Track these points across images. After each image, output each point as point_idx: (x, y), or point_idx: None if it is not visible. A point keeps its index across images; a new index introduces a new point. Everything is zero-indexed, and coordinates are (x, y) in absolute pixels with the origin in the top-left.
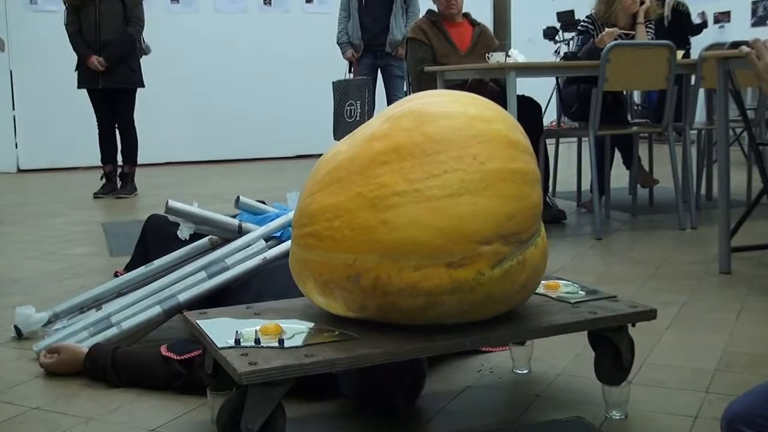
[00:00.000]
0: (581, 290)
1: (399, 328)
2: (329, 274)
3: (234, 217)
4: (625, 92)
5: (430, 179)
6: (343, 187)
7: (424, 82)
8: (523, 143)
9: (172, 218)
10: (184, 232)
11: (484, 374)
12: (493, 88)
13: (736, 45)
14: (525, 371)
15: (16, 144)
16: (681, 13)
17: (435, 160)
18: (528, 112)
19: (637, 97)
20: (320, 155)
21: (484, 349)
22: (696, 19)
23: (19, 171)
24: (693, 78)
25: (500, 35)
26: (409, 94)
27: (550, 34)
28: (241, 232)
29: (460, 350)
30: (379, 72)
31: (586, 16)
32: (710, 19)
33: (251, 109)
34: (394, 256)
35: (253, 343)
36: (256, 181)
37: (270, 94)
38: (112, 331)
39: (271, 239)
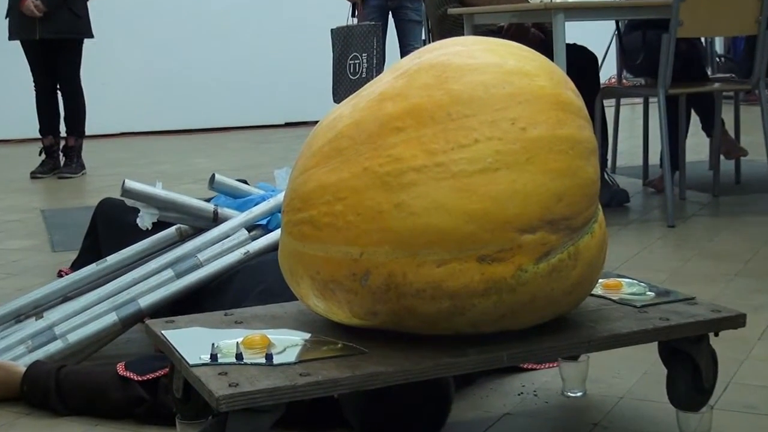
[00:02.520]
0: (650, 291)
1: (418, 340)
2: (329, 271)
3: (208, 200)
4: (704, 40)
5: (457, 150)
6: (346, 162)
7: (446, 28)
8: (574, 104)
9: (129, 203)
10: (145, 221)
11: (527, 398)
12: (537, 35)
13: None
14: (578, 394)
15: None
16: None
17: (463, 126)
18: (581, 65)
19: (719, 45)
20: (316, 122)
21: (526, 366)
22: None
23: None
24: None
25: None
26: (429, 43)
27: None
28: (216, 219)
29: (496, 367)
30: (390, 16)
31: None
32: None
33: (228, 66)
34: (412, 248)
35: (233, 360)
36: (235, 155)
37: (252, 47)
38: (55, 345)
39: (255, 228)
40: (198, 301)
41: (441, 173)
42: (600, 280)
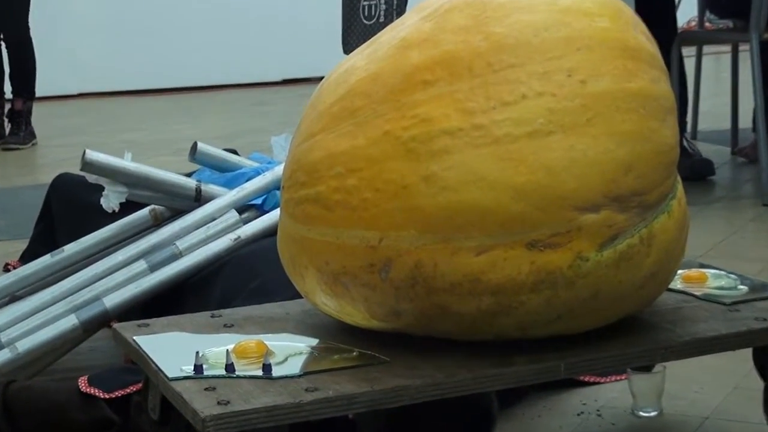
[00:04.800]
0: (741, 284)
1: (452, 347)
2: (342, 261)
3: (189, 175)
4: None
5: (500, 109)
6: (361, 124)
7: None
8: (647, 50)
9: (91, 179)
10: (111, 200)
11: (589, 419)
12: None
13: None
14: (652, 413)
15: None
16: None
17: (507, 79)
18: (653, 3)
19: None
20: (322, 78)
21: (587, 378)
22: None
23: None
24: None
25: None
26: None
27: None
28: (200, 198)
29: (551, 380)
30: None
31: None
32: None
33: (214, 11)
34: (444, 231)
35: (223, 372)
36: (222, 119)
37: None
38: (2, 356)
39: (248, 209)
40: (177, 299)
41: (480, 138)
42: (679, 272)
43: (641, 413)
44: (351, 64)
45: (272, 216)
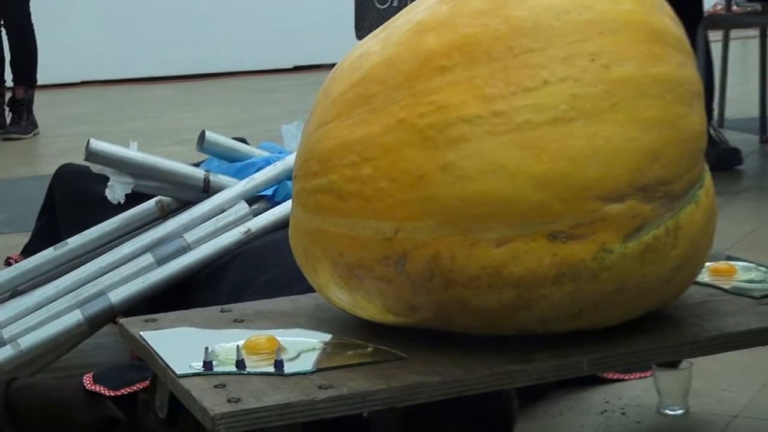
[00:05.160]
0: None
1: (470, 342)
2: (356, 254)
3: (197, 165)
4: None
5: (520, 95)
6: (375, 111)
7: None
8: (672, 33)
9: (96, 169)
10: (116, 192)
11: (612, 417)
12: None
13: None
14: (679, 411)
15: None
16: None
17: (527, 64)
18: None
19: None
20: (334, 65)
21: (610, 375)
22: None
23: None
24: None
25: None
26: None
27: None
28: (208, 189)
29: (574, 377)
30: None
31: None
32: None
33: None
34: (463, 222)
35: (233, 368)
36: (230, 108)
37: None
38: (4, 353)
39: (258, 200)
40: (186, 294)
41: (500, 125)
42: (707, 264)
43: (667, 411)
44: (365, 49)
45: (283, 207)
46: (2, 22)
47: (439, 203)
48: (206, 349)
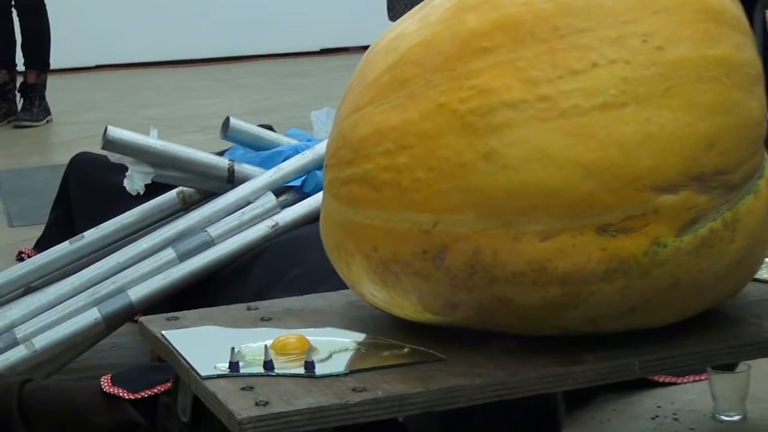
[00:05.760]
0: None
1: (513, 343)
2: (392, 248)
3: (221, 154)
4: None
5: (568, 79)
6: (412, 96)
7: None
8: (730, 12)
9: (114, 158)
10: (135, 182)
11: (664, 423)
12: None
13: None
14: (735, 417)
15: None
16: None
17: (575, 46)
18: None
19: None
20: (366, 47)
21: (663, 378)
22: None
23: None
24: None
25: None
26: None
27: None
28: (233, 179)
29: (623, 380)
30: None
31: None
32: None
33: None
34: (506, 214)
35: (261, 370)
36: (253, 93)
37: None
38: (17, 353)
39: (286, 191)
40: (209, 291)
41: (546, 110)
42: (766, 259)
43: (723, 417)
44: (401, 29)
45: (313, 199)
46: (13, 3)
47: (480, 194)
48: (232, 349)
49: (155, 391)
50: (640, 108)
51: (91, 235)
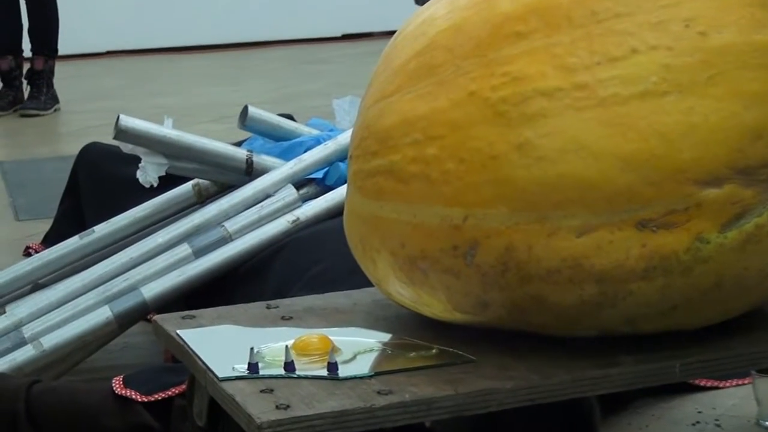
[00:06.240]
0: None
1: (547, 344)
2: (420, 243)
3: (239, 145)
4: None
5: (606, 66)
6: (442, 84)
7: None
8: None
9: (126, 149)
10: (149, 174)
11: (706, 428)
12: None
13: None
14: None
15: None
16: None
17: (614, 31)
18: None
19: None
20: (392, 33)
21: (704, 382)
22: None
23: None
24: None
25: None
26: None
27: None
28: (251, 171)
29: (663, 383)
30: None
31: None
32: None
33: None
34: (540, 209)
35: (281, 371)
36: (272, 81)
37: None
38: (24, 353)
39: (308, 184)
40: (227, 289)
41: (582, 99)
42: None
43: (767, 423)
44: (430, 13)
45: (336, 192)
46: None
47: (513, 187)
48: (251, 349)
49: (169, 393)
50: (682, 97)
51: (101, 229)
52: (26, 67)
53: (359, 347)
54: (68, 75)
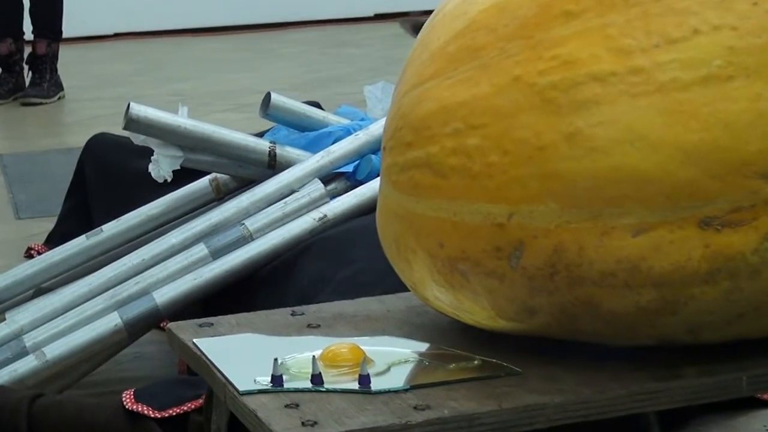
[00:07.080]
0: None
1: (600, 355)
2: (460, 244)
3: (260, 135)
4: None
5: (665, 48)
6: (485, 67)
7: None
8: None
9: (137, 140)
10: (162, 167)
11: None
12: None
13: None
14: None
15: None
16: None
17: (673, 10)
18: None
19: None
20: (428, 12)
21: None
22: None
23: None
24: None
25: None
26: None
27: None
28: (274, 165)
29: (729, 398)
30: None
31: None
32: None
33: None
34: (593, 205)
35: (308, 384)
36: (296, 65)
37: None
38: (26, 364)
39: (336, 179)
40: (247, 294)
41: (639, 85)
42: None
43: None
44: None
45: (368, 187)
46: None
47: (563, 181)
48: (275, 360)
49: (185, 408)
50: (749, 82)
51: (110, 228)
52: (27, 51)
53: (393, 358)
54: (73, 60)
